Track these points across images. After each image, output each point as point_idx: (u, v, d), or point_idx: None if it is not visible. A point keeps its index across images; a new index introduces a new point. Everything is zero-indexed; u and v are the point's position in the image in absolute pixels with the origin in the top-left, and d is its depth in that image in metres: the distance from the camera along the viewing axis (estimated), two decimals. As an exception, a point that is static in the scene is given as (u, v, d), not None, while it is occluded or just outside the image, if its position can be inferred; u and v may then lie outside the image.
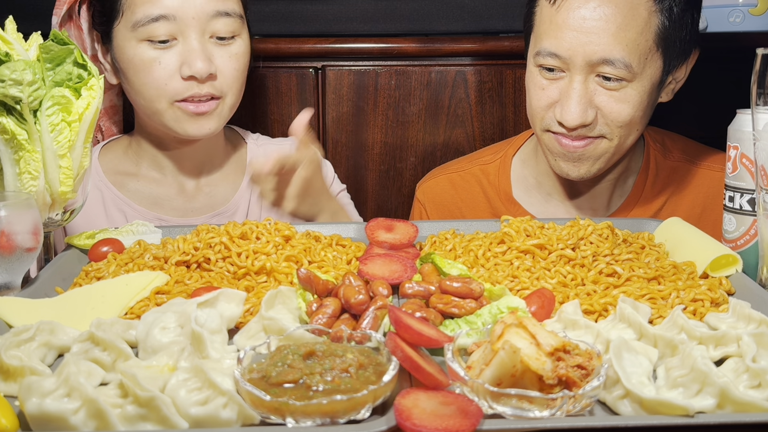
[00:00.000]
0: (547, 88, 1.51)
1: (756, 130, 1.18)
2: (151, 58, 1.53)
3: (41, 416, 0.82)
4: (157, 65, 1.53)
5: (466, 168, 1.78)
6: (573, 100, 1.47)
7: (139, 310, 1.12)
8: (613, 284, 1.16)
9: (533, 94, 1.54)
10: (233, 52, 1.58)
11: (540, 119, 1.54)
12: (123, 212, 1.67)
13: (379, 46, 2.00)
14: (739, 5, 2.13)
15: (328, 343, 0.92)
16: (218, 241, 1.23)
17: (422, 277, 1.16)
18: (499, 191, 1.73)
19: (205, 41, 1.55)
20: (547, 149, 1.57)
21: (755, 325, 1.00)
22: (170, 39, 1.53)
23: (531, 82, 1.55)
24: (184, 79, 1.53)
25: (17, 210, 1.15)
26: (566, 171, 1.56)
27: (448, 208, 1.77)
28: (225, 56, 1.57)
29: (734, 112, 1.31)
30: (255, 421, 0.84)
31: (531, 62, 1.55)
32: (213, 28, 1.55)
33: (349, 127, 2.03)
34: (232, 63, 1.58)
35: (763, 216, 1.18)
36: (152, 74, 1.54)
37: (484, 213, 1.73)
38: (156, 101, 1.56)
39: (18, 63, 1.19)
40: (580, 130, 1.50)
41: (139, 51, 1.54)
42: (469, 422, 0.80)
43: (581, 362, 0.86)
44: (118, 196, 1.67)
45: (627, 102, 1.49)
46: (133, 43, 1.54)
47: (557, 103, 1.51)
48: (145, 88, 1.56)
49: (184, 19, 1.52)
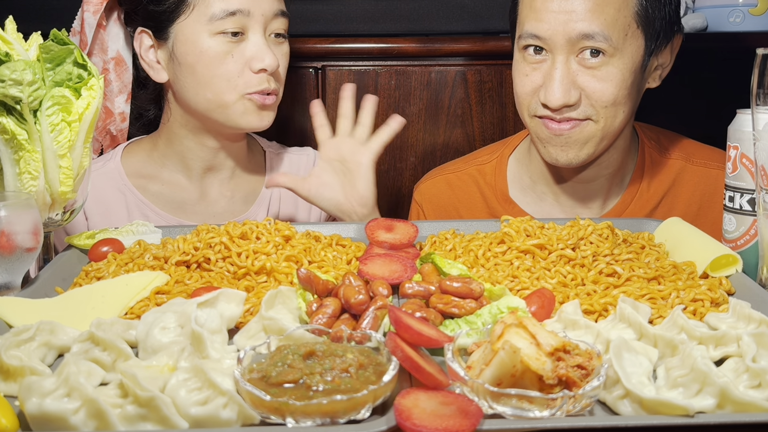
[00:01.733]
0: (531, 74, 1.53)
1: (756, 130, 1.18)
2: (225, 51, 1.58)
3: (41, 416, 0.82)
4: (230, 58, 1.58)
5: (463, 168, 1.78)
6: (555, 81, 1.49)
7: (139, 310, 1.12)
8: (613, 284, 1.16)
9: (518, 81, 1.56)
10: (284, 51, 1.66)
11: (526, 106, 1.56)
12: (146, 216, 1.67)
13: (379, 46, 2.00)
14: (739, 5, 2.13)
15: (328, 343, 0.92)
16: (218, 241, 1.23)
17: (422, 277, 1.16)
18: (495, 191, 1.73)
19: (269, 38, 1.62)
20: (536, 137, 1.57)
21: (755, 325, 1.00)
22: (240, 32, 1.59)
23: (516, 70, 1.57)
24: (254, 72, 1.59)
25: (17, 210, 1.15)
26: (555, 156, 1.56)
27: (445, 208, 1.77)
28: (280, 54, 1.63)
29: (734, 112, 1.31)
30: (255, 421, 0.84)
31: (515, 51, 1.57)
32: (273, 27, 1.62)
33: (349, 127, 2.03)
34: (284, 61, 1.65)
35: (763, 216, 1.18)
36: (225, 66, 1.58)
37: (481, 213, 1.73)
38: (226, 93, 1.59)
39: (18, 63, 1.19)
40: (565, 111, 1.51)
41: (212, 43, 1.58)
42: (469, 422, 0.80)
43: (581, 362, 0.86)
44: (141, 200, 1.68)
45: (609, 80, 1.50)
46: (205, 36, 1.58)
47: (541, 87, 1.52)
48: (217, 80, 1.59)
49: (255, 15, 1.58)
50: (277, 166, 1.82)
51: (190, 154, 1.70)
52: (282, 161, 1.83)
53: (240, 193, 1.76)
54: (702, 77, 2.07)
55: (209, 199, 1.73)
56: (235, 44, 1.58)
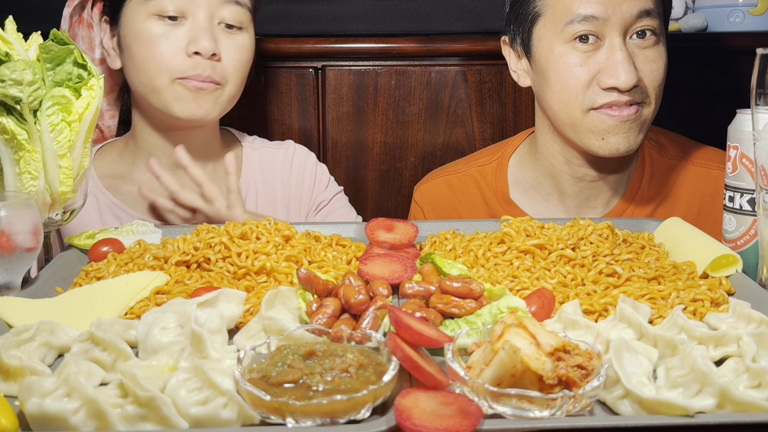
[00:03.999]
0: (585, 63, 1.50)
1: (756, 130, 1.18)
2: (159, 33, 1.56)
3: (41, 416, 0.82)
4: (164, 40, 1.55)
5: (463, 170, 1.78)
6: (622, 61, 1.46)
7: (139, 310, 1.12)
8: (613, 284, 1.16)
9: (569, 74, 1.51)
10: (239, 42, 1.61)
11: (580, 101, 1.51)
12: (118, 218, 1.66)
13: (379, 46, 2.00)
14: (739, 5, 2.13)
15: (328, 343, 0.92)
16: (218, 241, 1.23)
17: (422, 277, 1.16)
18: (496, 192, 1.73)
19: (213, 25, 1.58)
20: (593, 131, 1.53)
21: (755, 325, 1.00)
22: (179, 17, 1.56)
23: (562, 64, 1.51)
24: (188, 56, 1.56)
25: (17, 210, 1.15)
26: (616, 146, 1.52)
27: (445, 209, 1.77)
28: (231, 44, 1.60)
29: (734, 112, 1.31)
30: (255, 421, 0.84)
31: (556, 44, 1.52)
32: (222, 14, 1.58)
33: (349, 127, 2.03)
34: (236, 53, 1.60)
35: (763, 216, 1.18)
36: (158, 48, 1.56)
37: (481, 214, 1.73)
38: (157, 77, 1.57)
39: (18, 63, 1.19)
40: (631, 93, 1.49)
41: (147, 24, 1.56)
42: (469, 422, 0.80)
43: (581, 362, 0.86)
44: (112, 201, 1.67)
45: (661, 59, 1.51)
46: (143, 17, 1.56)
47: (599, 73, 1.49)
48: (148, 63, 1.57)
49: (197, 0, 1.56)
50: (254, 161, 1.80)
51: (156, 150, 1.69)
52: (259, 156, 1.80)
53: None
54: (702, 77, 2.07)
55: None
56: (172, 27, 1.56)
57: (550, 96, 1.57)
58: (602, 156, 1.56)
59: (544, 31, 1.54)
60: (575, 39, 1.50)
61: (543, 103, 1.61)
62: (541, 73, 1.57)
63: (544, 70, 1.56)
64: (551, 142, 1.65)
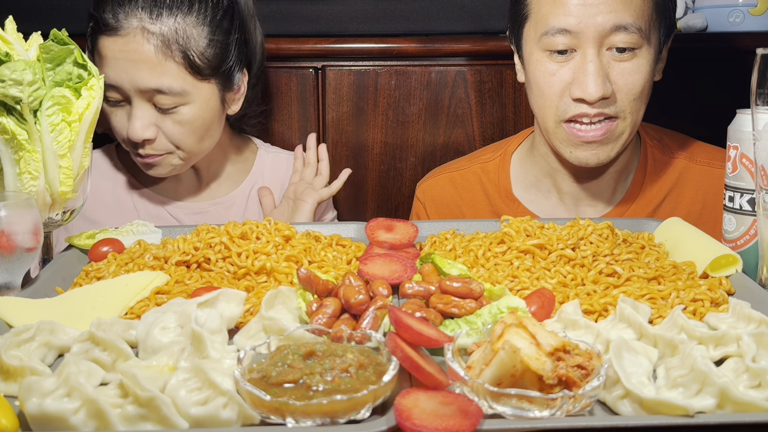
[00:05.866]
0: (558, 72, 1.49)
1: (756, 130, 1.18)
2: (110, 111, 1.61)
3: (41, 416, 0.82)
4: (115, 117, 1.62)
5: (466, 167, 1.78)
6: (591, 73, 1.46)
7: (139, 310, 1.12)
8: (613, 284, 1.16)
9: (544, 81, 1.51)
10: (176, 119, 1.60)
11: (554, 109, 1.52)
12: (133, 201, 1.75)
13: (379, 46, 2.00)
14: (739, 5, 2.13)
15: (328, 343, 0.92)
16: (218, 241, 1.23)
17: (422, 277, 1.16)
18: (499, 188, 1.73)
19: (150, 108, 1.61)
20: (562, 142, 1.54)
21: (755, 325, 1.00)
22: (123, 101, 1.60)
23: (538, 71, 1.52)
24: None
25: (17, 210, 1.15)
26: (585, 160, 1.54)
27: (448, 207, 1.77)
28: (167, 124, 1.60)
29: (734, 112, 1.31)
30: (255, 421, 0.84)
31: (535, 50, 1.52)
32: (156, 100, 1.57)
33: (349, 127, 2.03)
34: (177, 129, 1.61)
35: (763, 216, 1.18)
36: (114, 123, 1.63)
37: (484, 211, 1.73)
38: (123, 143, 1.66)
39: (18, 63, 1.19)
40: (600, 105, 1.48)
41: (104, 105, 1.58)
42: (469, 422, 0.80)
43: (581, 362, 0.86)
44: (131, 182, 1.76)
45: (639, 72, 1.49)
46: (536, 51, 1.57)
47: (571, 83, 1.49)
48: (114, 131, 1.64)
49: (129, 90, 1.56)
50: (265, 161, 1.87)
51: None
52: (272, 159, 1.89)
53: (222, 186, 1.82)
54: (702, 77, 2.07)
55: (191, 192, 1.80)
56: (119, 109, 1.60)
57: (531, 98, 1.59)
58: (574, 164, 1.58)
59: (529, 34, 1.55)
60: (548, 50, 1.50)
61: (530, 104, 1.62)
62: (526, 76, 1.59)
63: (527, 73, 1.58)
64: (545, 142, 1.66)
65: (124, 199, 1.75)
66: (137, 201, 1.75)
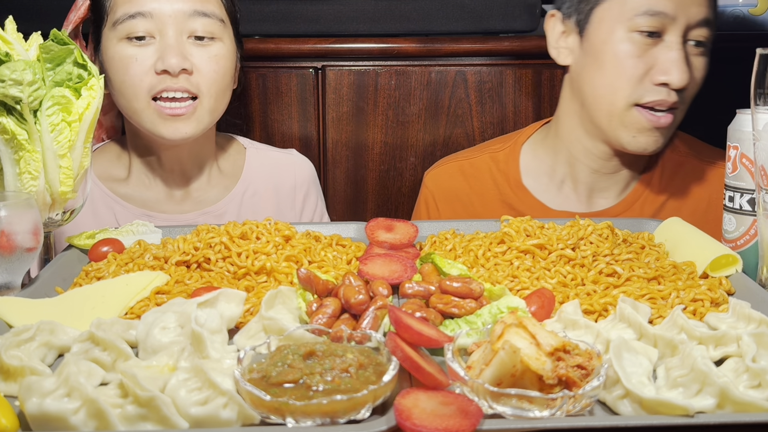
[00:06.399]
0: (642, 55, 1.50)
1: (756, 130, 1.18)
2: (129, 55, 1.55)
3: (41, 416, 0.82)
4: (134, 62, 1.54)
5: (476, 156, 1.78)
6: (681, 60, 1.48)
7: (139, 310, 1.12)
8: (613, 284, 1.16)
9: (625, 63, 1.51)
10: (213, 53, 1.58)
11: (629, 91, 1.52)
12: (112, 209, 1.66)
13: (379, 46, 2.00)
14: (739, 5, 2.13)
15: (328, 343, 0.92)
16: (218, 241, 1.23)
17: (422, 277, 1.16)
18: (508, 178, 1.73)
19: (183, 40, 1.55)
20: (628, 125, 1.55)
21: (755, 325, 1.00)
22: (147, 36, 1.54)
23: (621, 50, 1.52)
24: (157, 73, 1.53)
25: (17, 210, 1.15)
26: (645, 146, 1.55)
27: (456, 195, 1.76)
28: (204, 56, 1.57)
29: (734, 112, 1.31)
30: (255, 421, 0.84)
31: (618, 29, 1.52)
32: (190, 27, 1.56)
33: (349, 127, 2.03)
34: (211, 64, 1.57)
35: (763, 216, 1.18)
36: (130, 71, 1.54)
37: (493, 201, 1.73)
38: (134, 99, 1.56)
39: (18, 63, 1.19)
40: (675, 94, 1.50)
41: (118, 49, 1.55)
42: (469, 422, 0.80)
43: (581, 362, 0.86)
44: (107, 194, 1.67)
45: (705, 68, 1.53)
46: (114, 42, 1.56)
47: (653, 69, 1.50)
48: (124, 86, 1.56)
49: (161, 17, 1.54)
50: (255, 163, 1.78)
51: (149, 158, 1.68)
52: (262, 159, 1.79)
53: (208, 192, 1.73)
54: (702, 77, 2.06)
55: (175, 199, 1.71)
56: (141, 48, 1.54)
57: (597, 79, 1.56)
58: (629, 151, 1.58)
59: (608, 14, 1.54)
60: (638, 30, 1.50)
61: (584, 86, 1.60)
62: (593, 55, 1.57)
63: (598, 53, 1.56)
64: (575, 128, 1.66)
65: (103, 213, 1.66)
66: (118, 214, 1.66)
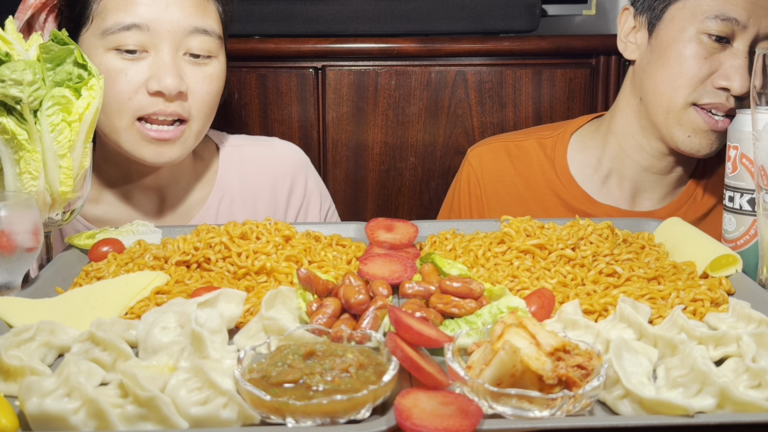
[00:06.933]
0: (708, 58, 1.52)
1: (756, 130, 1.18)
2: (118, 68, 1.41)
3: (41, 416, 0.82)
4: (123, 77, 1.41)
5: (523, 139, 1.78)
6: (741, 68, 1.50)
7: (139, 310, 1.12)
8: (613, 284, 1.16)
9: (690, 62, 1.53)
10: (207, 73, 1.47)
11: (690, 91, 1.54)
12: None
13: (379, 46, 2.00)
14: (739, 5, 2.13)
15: (328, 343, 0.92)
16: (218, 241, 1.23)
17: (422, 277, 1.16)
18: (554, 164, 1.73)
19: (178, 57, 1.44)
20: (684, 124, 1.56)
21: (755, 325, 1.00)
22: (140, 50, 1.42)
23: (689, 49, 1.53)
24: (150, 94, 1.42)
25: (17, 210, 1.15)
26: (698, 147, 1.57)
27: (500, 175, 1.75)
28: (198, 76, 1.46)
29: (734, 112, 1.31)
30: (255, 421, 0.84)
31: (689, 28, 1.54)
32: (188, 45, 1.44)
33: (349, 127, 2.03)
34: (205, 85, 1.46)
35: (763, 216, 1.18)
36: (117, 86, 1.42)
37: (538, 185, 1.72)
38: (116, 117, 1.43)
39: (18, 63, 1.19)
40: (734, 101, 1.52)
41: (105, 60, 1.42)
42: (469, 422, 0.80)
43: (581, 362, 0.86)
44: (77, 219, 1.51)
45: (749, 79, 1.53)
46: (100, 51, 1.42)
47: (716, 72, 1.52)
48: (107, 102, 1.41)
49: (158, 31, 1.41)
50: (230, 165, 1.67)
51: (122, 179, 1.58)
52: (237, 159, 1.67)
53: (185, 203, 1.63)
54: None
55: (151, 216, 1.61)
56: (132, 62, 1.42)
57: (661, 74, 1.58)
58: (682, 151, 1.59)
59: (681, 13, 1.56)
60: (707, 33, 1.52)
61: (646, 81, 1.61)
62: (659, 52, 1.59)
63: (664, 50, 1.58)
64: (631, 123, 1.66)
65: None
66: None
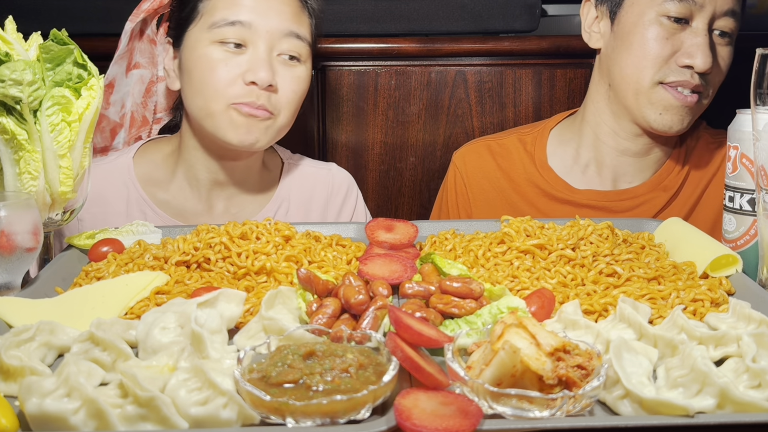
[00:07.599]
0: (669, 38, 1.56)
1: (756, 130, 1.18)
2: (219, 58, 1.57)
3: (41, 416, 0.82)
4: (223, 66, 1.56)
5: (504, 137, 1.83)
6: (706, 46, 1.53)
7: (139, 310, 1.12)
8: (613, 284, 1.16)
9: (653, 44, 1.57)
10: (296, 74, 1.61)
11: (655, 70, 1.57)
12: (144, 213, 1.66)
13: (379, 46, 2.00)
14: (739, 5, 2.13)
15: (328, 343, 0.92)
16: (218, 241, 1.23)
17: (422, 277, 1.16)
18: (534, 158, 1.77)
19: (272, 56, 1.59)
20: (654, 103, 1.59)
21: (755, 325, 1.00)
22: (241, 45, 1.57)
23: (651, 31, 1.57)
24: (245, 84, 1.56)
25: (17, 210, 1.15)
26: (670, 124, 1.59)
27: (484, 173, 1.80)
28: (288, 76, 1.60)
29: (734, 112, 1.31)
30: (255, 421, 0.84)
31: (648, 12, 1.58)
32: (282, 46, 1.59)
33: (349, 127, 2.03)
34: (293, 84, 1.61)
35: (763, 216, 1.18)
36: (216, 74, 1.56)
37: (519, 179, 1.77)
38: (213, 101, 1.57)
39: (18, 63, 1.19)
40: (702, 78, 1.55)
41: (209, 50, 1.57)
42: (469, 422, 0.80)
43: (581, 362, 0.86)
44: (143, 197, 1.67)
45: (730, 58, 1.57)
46: (206, 43, 1.58)
47: (679, 52, 1.55)
48: (206, 87, 1.57)
49: (258, 30, 1.57)
50: (291, 179, 1.78)
51: (198, 165, 1.69)
52: (298, 175, 1.79)
53: (245, 209, 1.73)
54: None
55: (214, 213, 1.71)
56: (233, 55, 1.57)
57: (626, 58, 1.61)
58: (654, 130, 1.62)
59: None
60: (667, 15, 1.55)
61: (613, 66, 1.65)
62: (623, 37, 1.62)
63: (627, 35, 1.61)
64: (602, 110, 1.70)
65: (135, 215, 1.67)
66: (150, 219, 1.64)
